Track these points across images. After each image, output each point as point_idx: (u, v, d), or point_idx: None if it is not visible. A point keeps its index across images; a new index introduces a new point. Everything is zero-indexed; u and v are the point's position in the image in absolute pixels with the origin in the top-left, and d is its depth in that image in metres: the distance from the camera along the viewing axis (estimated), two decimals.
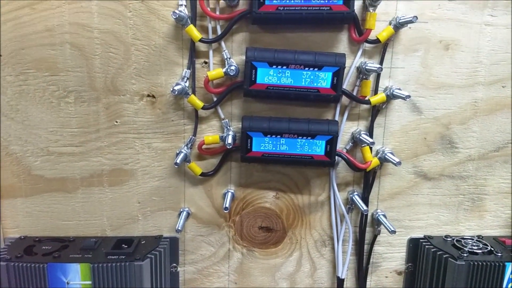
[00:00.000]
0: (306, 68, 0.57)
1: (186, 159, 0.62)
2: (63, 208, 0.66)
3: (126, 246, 0.63)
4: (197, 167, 0.64)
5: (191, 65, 0.61)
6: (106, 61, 0.60)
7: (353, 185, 0.67)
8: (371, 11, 0.58)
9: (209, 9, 0.58)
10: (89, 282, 0.59)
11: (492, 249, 0.65)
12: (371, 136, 0.64)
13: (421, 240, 0.69)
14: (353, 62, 0.61)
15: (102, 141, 0.63)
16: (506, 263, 0.62)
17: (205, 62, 0.61)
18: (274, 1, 0.55)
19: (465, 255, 0.63)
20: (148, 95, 0.62)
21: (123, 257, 0.60)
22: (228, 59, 0.60)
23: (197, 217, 0.67)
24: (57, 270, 0.59)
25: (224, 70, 0.59)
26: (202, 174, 0.65)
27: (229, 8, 0.59)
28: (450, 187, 0.68)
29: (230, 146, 0.60)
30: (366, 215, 0.67)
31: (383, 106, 0.64)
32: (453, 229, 0.70)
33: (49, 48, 0.60)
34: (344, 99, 0.63)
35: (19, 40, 0.59)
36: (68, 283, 0.59)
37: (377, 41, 0.60)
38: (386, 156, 0.63)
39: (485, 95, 0.65)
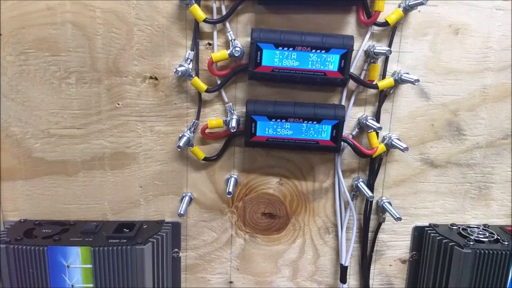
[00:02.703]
0: (313, 50, 0.56)
1: (189, 143, 0.61)
2: (63, 192, 0.65)
3: (128, 230, 0.62)
4: (200, 152, 0.63)
5: (195, 47, 0.59)
6: (108, 41, 0.59)
7: (358, 171, 0.66)
8: None
9: None
10: (90, 266, 0.58)
11: (499, 237, 0.64)
12: (378, 122, 0.62)
13: (426, 228, 0.68)
14: (361, 45, 0.60)
15: (104, 124, 0.62)
16: None
17: (209, 44, 0.60)
18: None
19: (471, 243, 0.62)
20: (151, 77, 0.61)
21: (125, 241, 0.59)
22: (232, 40, 0.58)
23: (199, 202, 0.67)
24: (57, 253, 0.58)
25: (228, 52, 0.58)
26: (205, 159, 0.64)
27: None
28: (456, 175, 0.67)
29: (234, 130, 0.59)
30: (371, 202, 0.67)
31: (391, 91, 0.63)
32: (459, 217, 0.69)
33: (50, 27, 0.58)
34: (351, 84, 0.62)
35: (20, 18, 0.58)
36: (68, 267, 0.58)
37: (386, 24, 0.59)
38: (392, 142, 0.62)
39: (494, 81, 0.63)
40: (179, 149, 0.59)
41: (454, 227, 0.67)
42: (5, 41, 0.59)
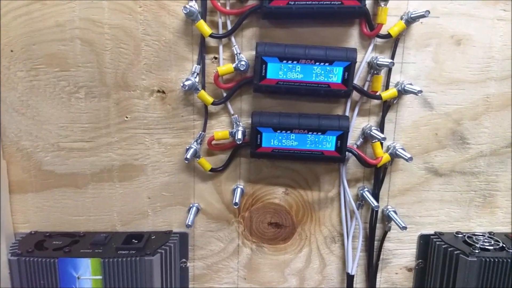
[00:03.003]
0: (317, 63, 0.57)
1: (195, 155, 0.62)
2: (73, 204, 0.66)
3: (136, 241, 0.63)
4: (206, 163, 0.64)
5: (201, 61, 0.60)
6: (116, 56, 0.60)
7: (363, 181, 0.67)
8: (383, 5, 0.58)
9: (219, 4, 0.58)
10: (100, 277, 0.59)
11: (504, 245, 0.64)
12: (382, 132, 0.63)
13: (431, 237, 0.68)
14: (364, 57, 0.61)
15: (113, 137, 0.63)
16: None
17: (215, 58, 0.61)
18: None
19: (477, 251, 0.62)
20: (158, 91, 0.62)
21: (134, 252, 0.60)
22: (238, 54, 0.60)
23: (206, 212, 0.67)
24: (68, 265, 0.59)
25: (234, 65, 0.59)
26: (212, 170, 0.64)
27: (239, 3, 0.59)
28: (461, 183, 0.68)
29: (240, 142, 0.60)
30: (377, 211, 0.67)
31: (394, 102, 0.63)
32: (464, 225, 0.69)
33: (59, 43, 0.60)
34: (355, 95, 0.62)
35: (30, 35, 0.59)
36: (78, 278, 0.59)
37: (388, 36, 0.60)
38: (397, 152, 0.63)
39: (497, 91, 0.64)
40: (186, 161, 0.60)
41: (459, 235, 0.68)
42: (16, 57, 0.60)
